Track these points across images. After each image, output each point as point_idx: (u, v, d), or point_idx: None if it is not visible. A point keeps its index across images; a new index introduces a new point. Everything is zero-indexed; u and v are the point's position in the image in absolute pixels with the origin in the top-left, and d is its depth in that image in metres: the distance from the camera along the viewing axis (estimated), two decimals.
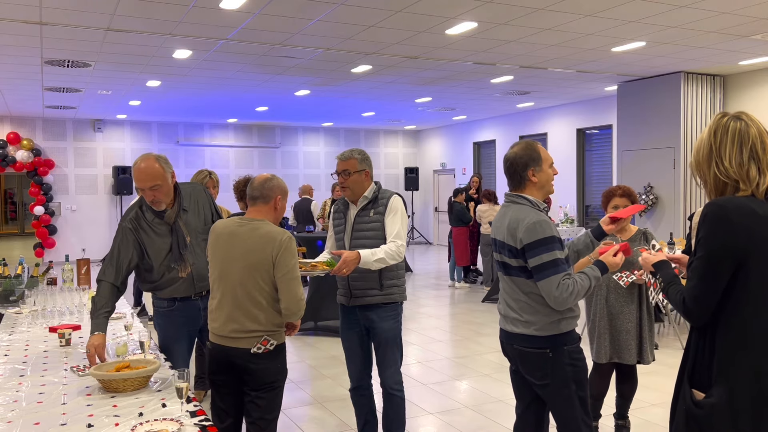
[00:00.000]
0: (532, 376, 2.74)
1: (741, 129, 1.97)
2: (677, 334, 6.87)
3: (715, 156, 1.97)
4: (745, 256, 1.88)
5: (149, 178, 3.20)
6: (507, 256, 2.74)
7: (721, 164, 1.96)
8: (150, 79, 9.73)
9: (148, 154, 3.27)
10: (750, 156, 1.95)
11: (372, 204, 3.52)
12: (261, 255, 2.77)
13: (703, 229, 1.93)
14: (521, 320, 2.71)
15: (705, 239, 1.92)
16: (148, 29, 6.81)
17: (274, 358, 2.83)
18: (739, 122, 1.99)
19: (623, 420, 4.09)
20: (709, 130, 2.02)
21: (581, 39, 7.48)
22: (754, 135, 1.97)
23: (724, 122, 2.00)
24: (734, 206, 1.90)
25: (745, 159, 1.94)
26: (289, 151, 16.90)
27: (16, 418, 2.21)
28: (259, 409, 2.83)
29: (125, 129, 15.10)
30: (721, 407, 1.89)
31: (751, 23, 6.86)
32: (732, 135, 1.97)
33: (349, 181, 3.47)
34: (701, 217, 1.95)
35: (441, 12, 6.32)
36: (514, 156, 2.78)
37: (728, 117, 2.02)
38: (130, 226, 3.30)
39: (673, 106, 9.75)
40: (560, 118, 13.45)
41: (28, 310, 4.05)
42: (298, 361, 6.11)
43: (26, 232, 22.31)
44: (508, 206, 2.81)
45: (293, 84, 10.29)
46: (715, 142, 1.99)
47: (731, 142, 1.96)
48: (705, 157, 2.00)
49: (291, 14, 6.33)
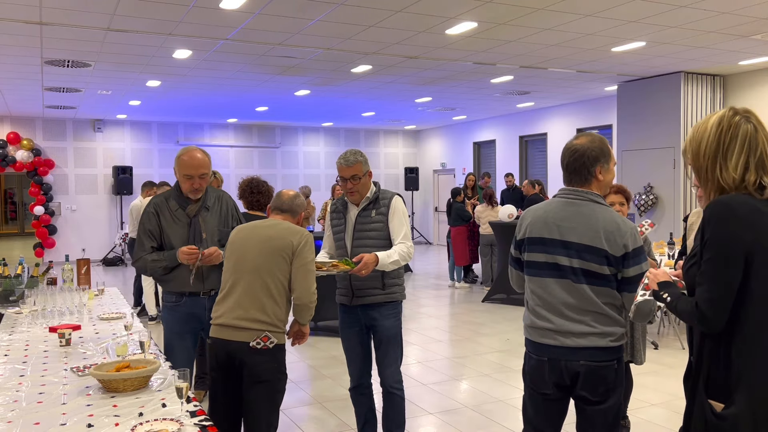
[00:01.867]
0: (593, 393, 2.43)
1: (750, 134, 1.88)
2: (677, 334, 6.87)
3: (721, 159, 1.89)
4: (753, 253, 1.80)
5: (203, 165, 3.44)
6: (594, 262, 2.40)
7: (725, 171, 1.87)
8: (150, 79, 9.73)
9: (196, 147, 3.53)
10: (757, 164, 1.87)
11: (373, 204, 3.52)
12: (283, 242, 2.89)
13: (709, 230, 1.84)
14: (595, 332, 2.40)
15: (712, 238, 1.83)
16: (148, 29, 6.81)
17: (271, 356, 2.86)
18: (749, 125, 1.89)
19: (623, 420, 4.10)
20: (717, 124, 1.91)
21: (581, 39, 7.48)
22: (762, 141, 1.88)
23: (735, 121, 1.90)
24: (739, 203, 1.82)
25: (752, 166, 1.86)
26: (289, 151, 16.90)
27: (16, 418, 2.21)
28: (254, 406, 2.85)
29: (125, 129, 15.10)
30: (745, 417, 1.79)
31: (751, 23, 6.86)
32: (742, 140, 1.88)
33: (359, 185, 3.46)
34: (705, 219, 1.86)
35: (441, 12, 6.32)
36: (584, 148, 2.46)
37: (739, 116, 1.91)
38: (152, 210, 3.52)
39: (673, 106, 9.75)
40: (560, 118, 13.45)
41: (28, 310, 4.05)
42: (298, 361, 6.11)
43: (26, 232, 22.31)
44: (584, 204, 2.46)
45: (293, 84, 10.29)
46: (723, 142, 1.89)
47: (740, 149, 1.87)
48: (710, 156, 1.91)
49: (291, 14, 6.33)
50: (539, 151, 14.20)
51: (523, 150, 14.66)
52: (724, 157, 1.89)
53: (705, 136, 1.93)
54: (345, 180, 3.46)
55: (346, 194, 3.55)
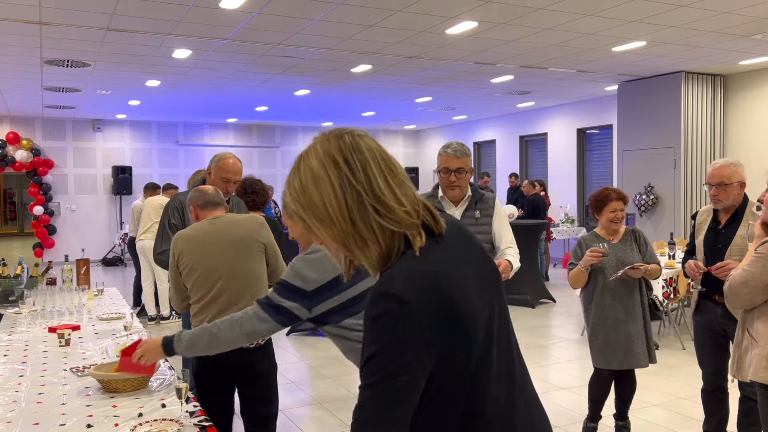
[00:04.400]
0: None
1: None
2: (677, 334, 6.87)
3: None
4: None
5: (240, 172, 3.72)
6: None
7: None
8: (150, 79, 9.72)
9: (231, 154, 3.78)
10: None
11: (476, 204, 3.23)
12: (252, 240, 2.90)
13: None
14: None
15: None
16: (148, 29, 6.80)
17: (264, 353, 2.91)
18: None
19: (623, 421, 4.09)
20: None
21: (581, 39, 7.48)
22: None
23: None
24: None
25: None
26: (289, 151, 16.89)
27: (16, 418, 2.21)
28: (256, 404, 2.88)
29: (125, 129, 15.09)
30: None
31: (751, 23, 6.86)
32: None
33: (463, 179, 3.16)
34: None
35: (441, 12, 6.31)
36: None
37: None
38: (177, 205, 3.70)
39: (674, 106, 9.74)
40: (560, 118, 13.44)
41: (28, 310, 4.05)
42: (298, 361, 6.10)
43: (25, 232, 22.30)
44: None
45: (293, 84, 10.29)
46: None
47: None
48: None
49: (291, 14, 6.32)
50: (539, 151, 14.20)
51: (524, 150, 14.66)
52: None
53: None
54: (449, 172, 3.14)
55: (445, 188, 3.17)
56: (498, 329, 1.28)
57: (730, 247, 3.38)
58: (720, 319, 3.46)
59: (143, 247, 7.73)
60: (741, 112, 9.86)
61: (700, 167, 9.85)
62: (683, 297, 6.76)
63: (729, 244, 3.39)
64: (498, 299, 1.32)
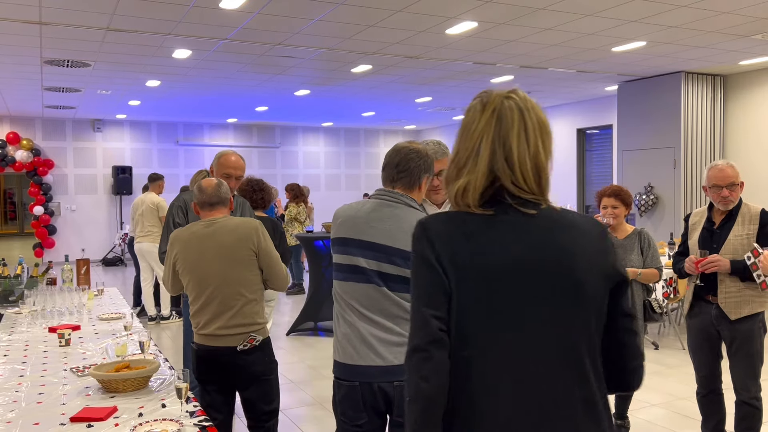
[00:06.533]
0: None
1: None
2: (677, 334, 6.87)
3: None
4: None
5: (241, 167, 3.72)
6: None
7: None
8: (149, 79, 9.72)
9: (234, 151, 3.78)
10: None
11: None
12: (244, 248, 2.86)
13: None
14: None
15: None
16: (148, 29, 6.80)
17: (261, 353, 2.92)
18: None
19: (623, 420, 4.09)
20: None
21: (581, 39, 7.48)
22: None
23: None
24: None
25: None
26: (289, 151, 16.90)
27: (16, 418, 2.21)
28: (258, 403, 2.90)
29: (125, 129, 15.09)
30: None
31: (751, 23, 6.86)
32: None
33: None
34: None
35: (441, 12, 6.32)
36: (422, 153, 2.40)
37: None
38: (181, 205, 3.71)
39: (674, 106, 9.75)
40: (560, 118, 13.44)
41: (28, 310, 4.05)
42: (298, 361, 6.10)
43: (26, 232, 22.30)
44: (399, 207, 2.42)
45: (293, 84, 10.29)
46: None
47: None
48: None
49: (291, 14, 6.32)
50: None
51: None
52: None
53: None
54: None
55: (428, 192, 2.75)
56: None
57: (723, 247, 3.40)
58: (714, 320, 3.46)
59: (141, 249, 7.73)
60: (741, 112, 9.86)
61: (700, 167, 9.85)
62: (683, 297, 6.76)
63: (723, 243, 3.41)
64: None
